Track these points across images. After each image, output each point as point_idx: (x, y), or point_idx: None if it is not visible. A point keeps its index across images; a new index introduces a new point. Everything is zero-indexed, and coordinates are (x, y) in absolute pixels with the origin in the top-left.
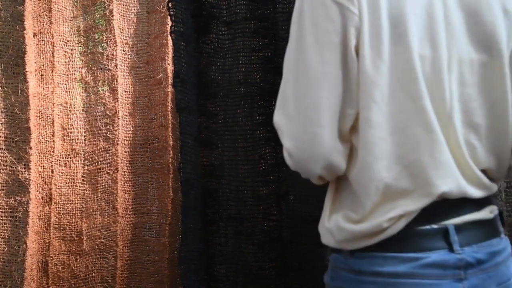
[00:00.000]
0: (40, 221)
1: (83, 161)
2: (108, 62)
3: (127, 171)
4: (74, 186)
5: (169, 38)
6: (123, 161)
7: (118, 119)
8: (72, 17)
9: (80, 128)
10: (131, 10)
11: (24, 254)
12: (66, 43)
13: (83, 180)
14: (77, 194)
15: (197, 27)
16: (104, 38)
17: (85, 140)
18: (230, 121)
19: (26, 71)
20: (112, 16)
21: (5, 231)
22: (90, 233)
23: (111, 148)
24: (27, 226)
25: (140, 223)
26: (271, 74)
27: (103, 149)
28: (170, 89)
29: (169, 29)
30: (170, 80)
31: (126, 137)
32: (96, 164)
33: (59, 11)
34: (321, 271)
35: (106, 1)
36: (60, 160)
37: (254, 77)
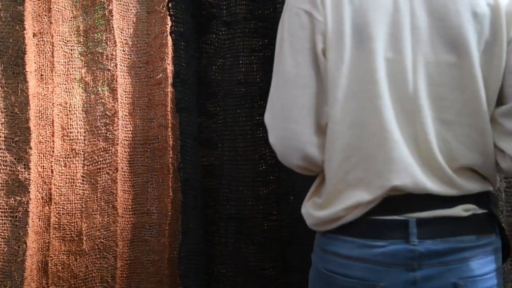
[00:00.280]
0: (40, 221)
1: (83, 161)
2: (107, 62)
3: (127, 171)
4: (74, 186)
5: (169, 38)
6: (123, 161)
7: (118, 119)
8: (71, 17)
9: (80, 128)
10: (131, 10)
11: (24, 254)
12: (65, 43)
13: (82, 180)
14: (76, 194)
15: (197, 27)
16: (104, 38)
17: (84, 140)
18: (230, 121)
19: (26, 71)
20: (112, 16)
21: (5, 231)
22: (90, 233)
23: (110, 148)
24: (27, 226)
25: (140, 223)
26: (271, 74)
27: (102, 149)
28: (170, 89)
29: (169, 29)
30: (170, 80)
31: (126, 137)
32: (96, 164)
33: (58, 11)
34: None
35: (105, 1)
36: (59, 160)
37: (254, 77)
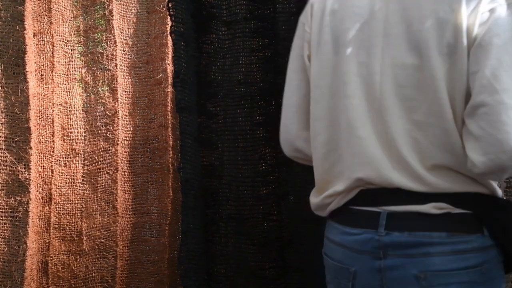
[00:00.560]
0: (40, 221)
1: (83, 161)
2: (108, 62)
3: (127, 171)
4: (74, 186)
5: (169, 38)
6: (123, 161)
7: (118, 119)
8: (72, 17)
9: (80, 128)
10: (131, 10)
11: (24, 254)
12: (66, 43)
13: (83, 180)
14: (77, 194)
15: (197, 27)
16: (104, 38)
17: (85, 140)
18: (230, 121)
19: (26, 71)
20: (112, 16)
21: (5, 231)
22: (90, 233)
23: (111, 148)
24: (27, 226)
25: (140, 223)
26: (271, 74)
27: (103, 149)
28: (170, 89)
29: (169, 29)
30: (170, 80)
31: (126, 137)
32: (96, 164)
33: (59, 11)
34: (321, 271)
35: (106, 1)
36: (60, 160)
37: (254, 77)
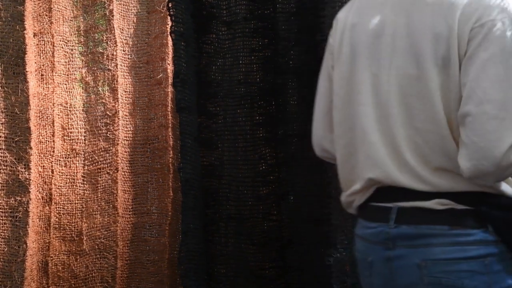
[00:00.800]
0: (40, 221)
1: (83, 161)
2: (108, 62)
3: (127, 171)
4: (74, 186)
5: (169, 38)
6: (123, 161)
7: (118, 119)
8: (72, 17)
9: (80, 128)
10: (131, 10)
11: (24, 254)
12: (66, 43)
13: (83, 180)
14: (77, 194)
15: (197, 27)
16: (104, 38)
17: (85, 140)
18: (230, 121)
19: (26, 71)
20: (112, 16)
21: (5, 231)
22: (90, 233)
23: (111, 148)
24: (27, 226)
25: (140, 223)
26: (271, 74)
27: (103, 149)
28: (170, 89)
29: (169, 29)
30: (170, 80)
31: (126, 137)
32: (96, 164)
33: (59, 11)
34: (321, 271)
35: (106, 1)
36: (60, 160)
37: (254, 77)
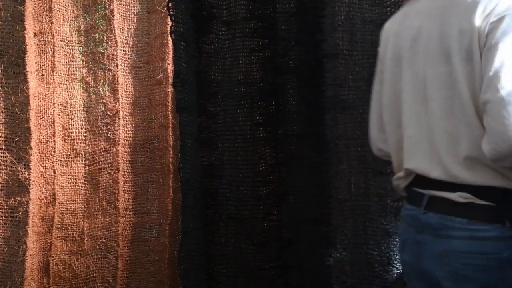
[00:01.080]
0: (43, 221)
1: (84, 161)
2: (108, 62)
3: (127, 171)
4: (76, 186)
5: (170, 38)
6: (123, 161)
7: (119, 119)
8: (72, 17)
9: (81, 128)
10: (131, 10)
11: (24, 255)
12: (66, 43)
13: (84, 180)
14: (79, 194)
15: (197, 27)
16: (105, 38)
17: (85, 140)
18: (230, 121)
19: (26, 71)
20: (113, 16)
21: (5, 231)
22: (92, 233)
23: (112, 148)
24: (26, 226)
25: (140, 223)
26: (271, 74)
27: (104, 149)
28: (170, 89)
29: (169, 29)
30: (171, 80)
31: (126, 137)
32: (97, 164)
33: (59, 11)
34: (321, 271)
35: (107, 1)
36: (61, 160)
37: (254, 77)
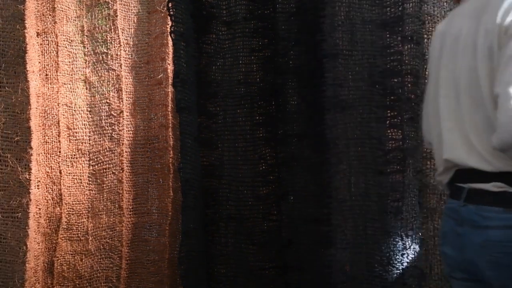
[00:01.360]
0: (49, 222)
1: (89, 161)
2: (112, 62)
3: (127, 171)
4: (82, 186)
5: (170, 38)
6: (127, 161)
7: (123, 119)
8: (75, 17)
9: (85, 128)
10: (132, 10)
11: (25, 256)
12: (70, 42)
13: (89, 180)
14: (84, 194)
15: (197, 27)
16: (108, 38)
17: (90, 140)
18: (230, 121)
19: (27, 71)
20: (116, 16)
21: (6, 232)
22: (96, 233)
23: (116, 148)
24: (27, 227)
25: (141, 223)
26: (271, 74)
27: (108, 149)
28: (170, 89)
29: (169, 29)
30: (171, 80)
31: (127, 137)
32: (102, 164)
33: (62, 11)
34: (321, 271)
35: (110, 1)
36: (66, 160)
37: (254, 77)
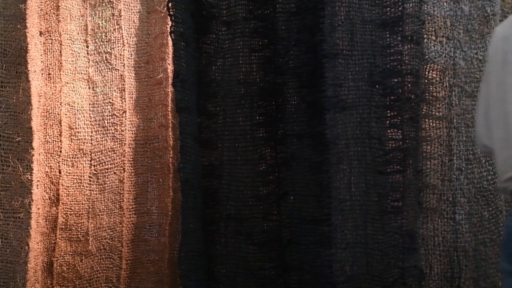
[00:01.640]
0: (46, 221)
1: (90, 161)
2: (115, 61)
3: (127, 171)
4: (82, 187)
5: (170, 38)
6: (128, 161)
7: (126, 118)
8: (79, 16)
9: (87, 128)
10: (132, 10)
11: (27, 256)
12: (73, 41)
13: (90, 180)
14: (84, 195)
15: (197, 27)
16: (112, 38)
17: (92, 140)
18: (230, 121)
19: (28, 70)
20: (120, 16)
21: (8, 232)
22: (96, 233)
23: (118, 148)
24: (29, 227)
25: (141, 223)
26: (271, 74)
27: (110, 149)
28: (170, 89)
29: (169, 29)
30: (171, 80)
31: (129, 137)
32: (103, 164)
33: (67, 9)
34: (321, 271)
35: (114, 1)
36: (67, 160)
37: (254, 77)
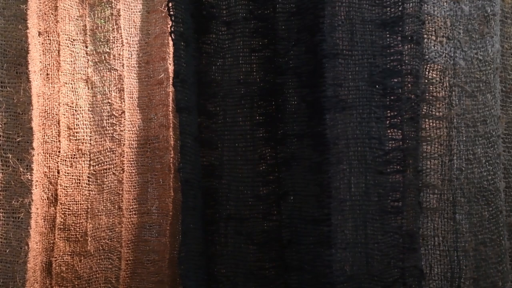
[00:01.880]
0: (45, 222)
1: (89, 161)
2: (114, 61)
3: (128, 171)
4: (80, 187)
5: (170, 38)
6: (128, 161)
7: (125, 119)
8: (78, 16)
9: (86, 128)
10: (132, 9)
11: (26, 256)
12: (72, 42)
13: (88, 181)
14: (82, 195)
15: (197, 27)
16: (111, 38)
17: (91, 140)
18: (230, 121)
19: (29, 71)
20: (119, 15)
21: (7, 232)
22: (95, 234)
23: (117, 148)
24: (29, 227)
25: (141, 223)
26: (271, 74)
27: (109, 150)
28: (171, 89)
29: (169, 29)
30: (171, 80)
31: (128, 137)
32: (102, 164)
33: (65, 9)
34: (321, 271)
35: (113, 1)
36: (66, 161)
37: (254, 77)
